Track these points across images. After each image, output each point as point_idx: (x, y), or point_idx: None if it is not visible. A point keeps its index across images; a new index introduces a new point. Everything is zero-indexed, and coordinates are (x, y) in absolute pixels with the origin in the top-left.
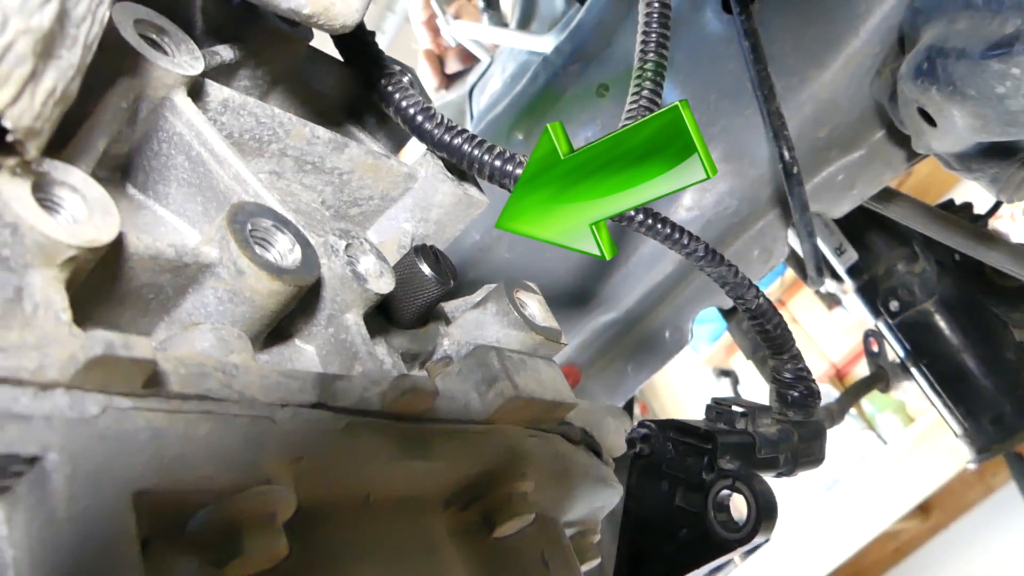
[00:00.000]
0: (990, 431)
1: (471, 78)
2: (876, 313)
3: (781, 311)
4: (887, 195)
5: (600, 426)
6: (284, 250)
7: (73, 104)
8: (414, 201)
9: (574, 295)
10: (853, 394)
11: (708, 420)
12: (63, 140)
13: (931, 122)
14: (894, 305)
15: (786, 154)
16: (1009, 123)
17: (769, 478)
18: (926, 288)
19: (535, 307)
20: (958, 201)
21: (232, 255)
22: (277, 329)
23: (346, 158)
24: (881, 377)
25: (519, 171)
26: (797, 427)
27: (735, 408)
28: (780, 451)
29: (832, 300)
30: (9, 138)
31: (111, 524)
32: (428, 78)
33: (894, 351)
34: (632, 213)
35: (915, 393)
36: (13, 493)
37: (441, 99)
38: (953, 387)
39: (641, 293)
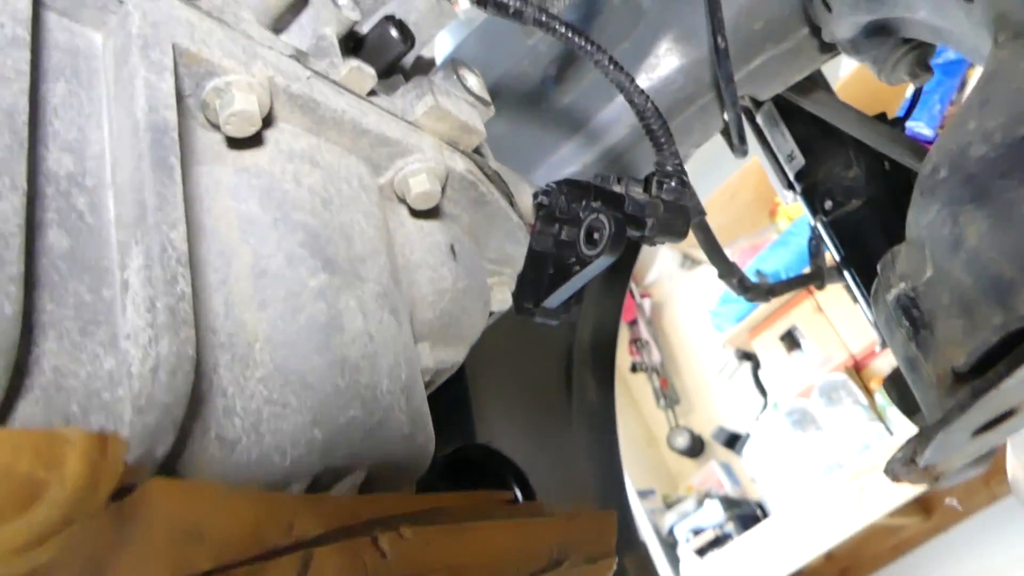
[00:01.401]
0: None
1: None
2: (814, 212)
3: (807, 300)
4: (825, 98)
5: (516, 187)
6: None
7: None
8: (399, 4)
9: (545, 148)
10: (788, 284)
11: (594, 182)
12: None
13: (828, 8)
14: (828, 204)
15: (717, 35)
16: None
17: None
18: (856, 191)
19: (473, 81)
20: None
21: None
22: (272, 30)
23: None
24: (817, 275)
25: None
26: (664, 203)
27: (618, 178)
28: (646, 215)
29: None
30: None
31: (158, 51)
32: None
33: (829, 251)
34: (556, 25)
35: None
36: (108, 25)
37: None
38: (870, 278)
39: (601, 150)
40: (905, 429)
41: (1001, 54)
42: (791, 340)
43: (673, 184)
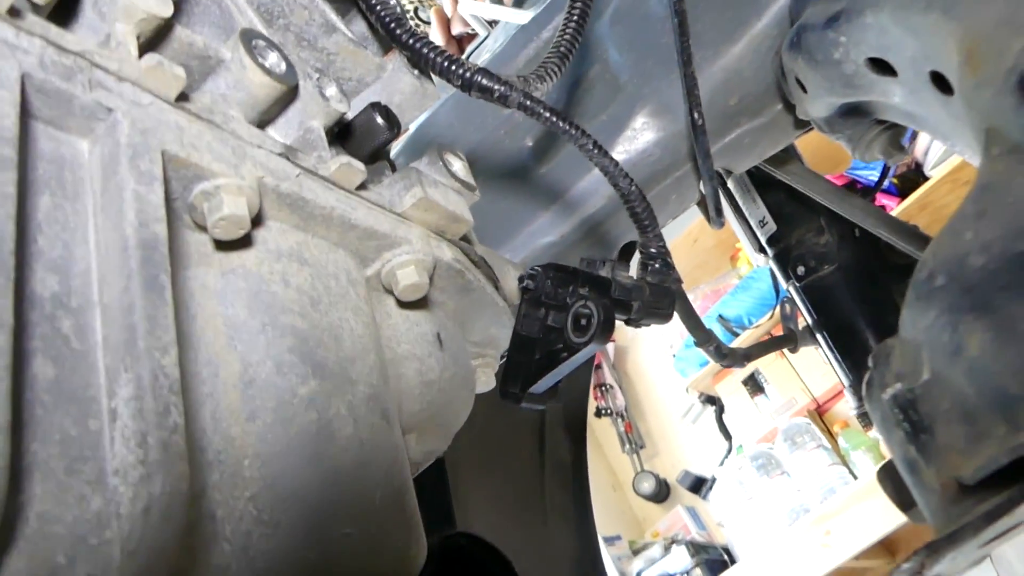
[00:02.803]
0: None
1: (469, 49)
2: (787, 278)
3: None
4: (798, 170)
5: (501, 269)
6: (274, 62)
7: None
8: (382, 87)
9: (522, 218)
10: (762, 347)
11: (580, 267)
12: None
13: (804, 89)
14: (801, 271)
15: (694, 111)
16: (847, 85)
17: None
18: (828, 257)
19: (459, 166)
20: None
21: (240, 55)
22: (261, 125)
23: (333, 41)
24: (791, 339)
25: (460, 70)
26: (650, 286)
27: (604, 263)
28: (632, 298)
29: None
30: None
31: (147, 160)
32: (436, 35)
33: (802, 314)
34: (541, 110)
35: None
36: (95, 132)
37: None
38: (844, 345)
39: (577, 222)
40: (868, 473)
41: (996, 167)
42: (754, 384)
43: (658, 266)
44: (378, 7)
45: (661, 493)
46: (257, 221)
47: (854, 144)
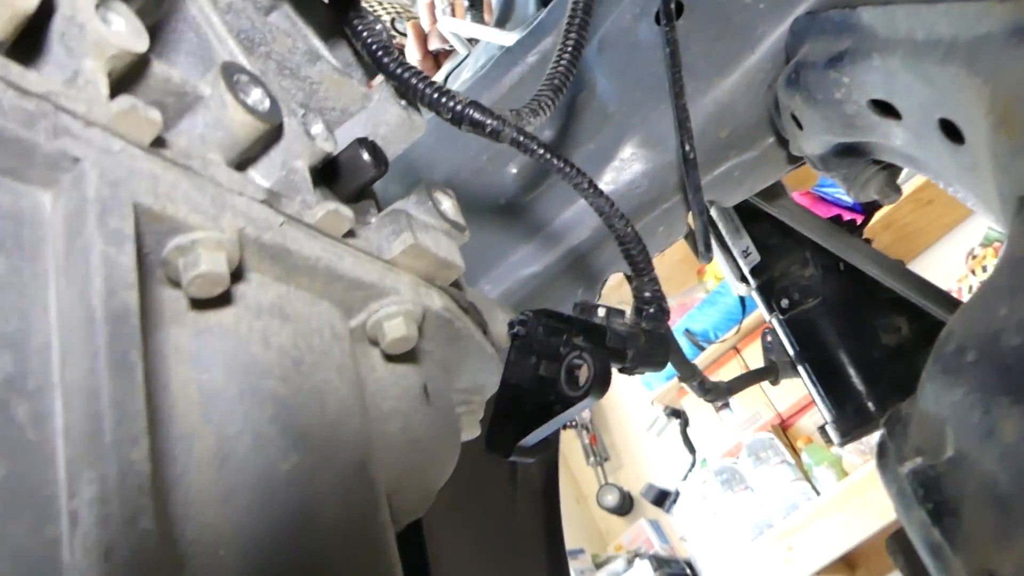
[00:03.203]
0: (852, 418)
1: (447, 66)
2: (770, 310)
3: (734, 359)
4: (786, 203)
5: (489, 313)
6: (257, 99)
7: None
8: (368, 117)
9: (505, 248)
10: (745, 380)
11: (575, 314)
12: None
13: (799, 125)
14: (785, 303)
15: (686, 143)
16: (847, 125)
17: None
18: (813, 290)
19: (448, 205)
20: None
21: (220, 91)
22: (242, 164)
23: (317, 70)
24: (772, 371)
25: (451, 103)
26: (645, 332)
27: (598, 309)
28: (628, 346)
29: None
30: None
31: (118, 217)
32: (412, 50)
33: (784, 346)
34: (534, 147)
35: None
36: (59, 184)
37: None
38: (827, 379)
39: (561, 252)
40: (831, 489)
41: None
42: None
43: (652, 311)
44: (364, 33)
45: (625, 506)
46: (237, 275)
47: (849, 183)
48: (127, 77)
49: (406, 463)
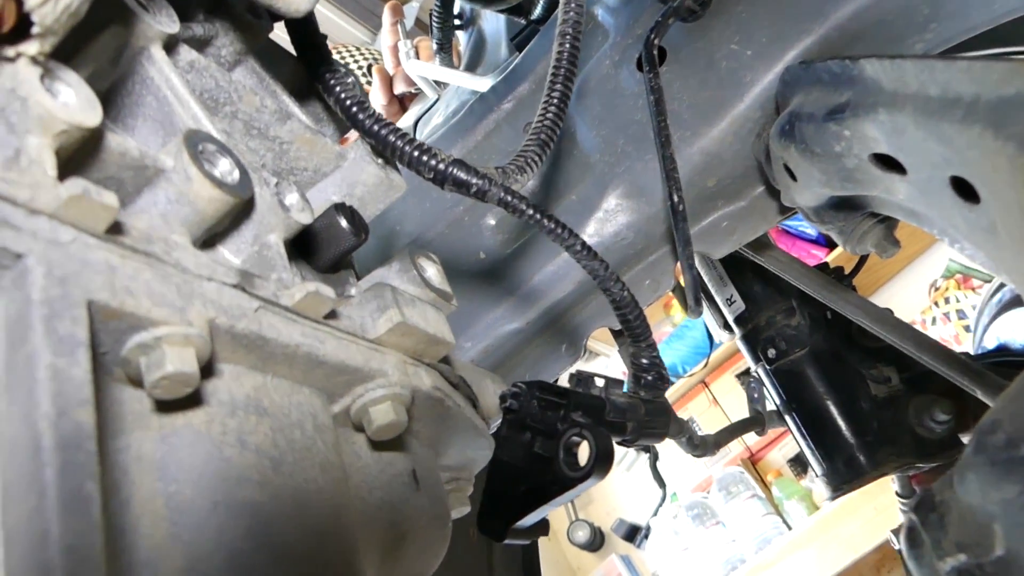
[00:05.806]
0: (843, 471)
1: (415, 110)
2: (756, 359)
3: (702, 393)
4: (773, 253)
5: (479, 385)
6: (225, 170)
7: (73, 37)
8: (342, 177)
9: (484, 304)
10: (731, 432)
11: (571, 385)
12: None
13: (793, 177)
14: (771, 353)
15: (674, 194)
16: (846, 179)
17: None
18: (800, 340)
19: (433, 272)
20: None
21: (184, 164)
22: (210, 240)
23: (287, 129)
24: (758, 421)
25: (433, 161)
26: (645, 403)
27: (595, 379)
28: (627, 419)
29: None
30: (34, 31)
31: (68, 321)
32: (377, 95)
33: (770, 396)
34: (523, 207)
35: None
36: None
37: None
38: (816, 431)
39: (544, 308)
40: (802, 523)
41: None
42: None
43: (651, 378)
44: (337, 88)
45: (596, 542)
46: (207, 370)
47: (845, 236)
48: (78, 153)
49: (395, 558)
